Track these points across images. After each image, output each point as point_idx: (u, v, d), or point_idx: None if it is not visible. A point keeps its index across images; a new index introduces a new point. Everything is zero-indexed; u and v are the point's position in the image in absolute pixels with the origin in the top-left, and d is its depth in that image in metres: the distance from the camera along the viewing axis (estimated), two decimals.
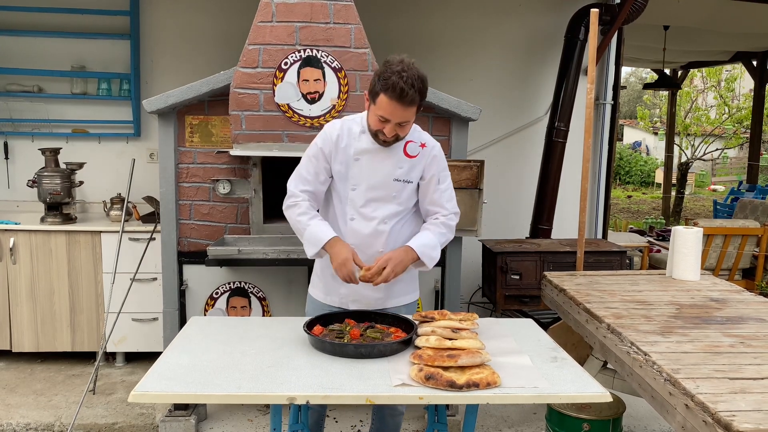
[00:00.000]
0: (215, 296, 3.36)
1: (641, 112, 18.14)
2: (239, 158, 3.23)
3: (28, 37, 4.43)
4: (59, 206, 4.05)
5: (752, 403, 1.63)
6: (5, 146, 4.52)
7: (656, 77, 9.27)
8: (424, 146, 2.37)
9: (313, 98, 3.08)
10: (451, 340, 1.86)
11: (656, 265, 5.68)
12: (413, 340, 1.96)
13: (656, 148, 21.00)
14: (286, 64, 3.05)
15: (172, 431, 3.26)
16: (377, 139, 2.26)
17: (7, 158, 4.54)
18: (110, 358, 4.19)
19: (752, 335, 2.19)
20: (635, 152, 21.30)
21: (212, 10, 4.52)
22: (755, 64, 9.15)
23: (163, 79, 4.51)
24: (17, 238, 3.94)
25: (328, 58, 3.05)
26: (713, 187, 17.73)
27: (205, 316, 3.30)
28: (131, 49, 4.44)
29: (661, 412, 1.86)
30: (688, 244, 2.94)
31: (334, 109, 3.09)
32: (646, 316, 2.41)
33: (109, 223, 4.11)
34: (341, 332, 2.03)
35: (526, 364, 1.87)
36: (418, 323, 2.05)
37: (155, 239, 3.79)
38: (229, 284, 3.36)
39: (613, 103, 4.97)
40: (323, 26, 3.04)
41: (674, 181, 12.25)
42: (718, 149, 13.93)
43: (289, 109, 3.09)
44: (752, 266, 5.43)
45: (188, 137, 3.26)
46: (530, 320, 2.34)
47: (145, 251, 3.84)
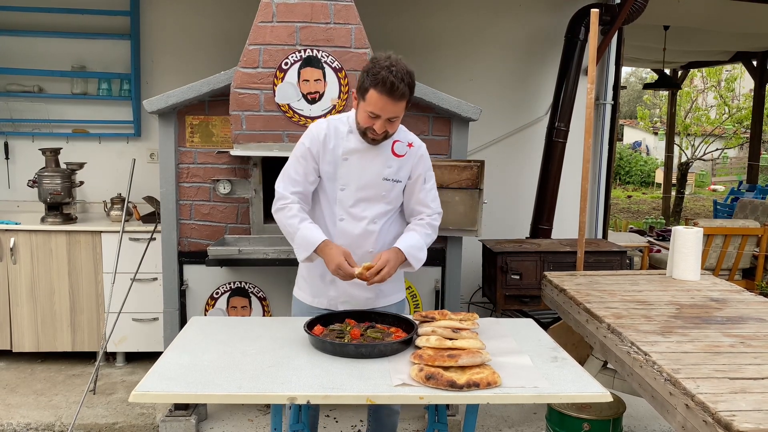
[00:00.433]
0: (216, 296, 3.36)
1: (641, 112, 18.15)
2: (240, 158, 3.23)
3: (28, 37, 4.44)
4: (59, 206, 4.05)
5: (752, 402, 1.63)
6: (6, 146, 4.53)
7: (656, 77, 9.27)
8: (411, 146, 2.37)
9: (313, 98, 3.08)
10: (451, 340, 1.86)
11: (656, 265, 5.69)
12: (414, 340, 1.96)
13: (656, 148, 21.01)
14: (286, 64, 3.05)
15: (172, 431, 3.26)
16: (366, 137, 2.25)
17: (7, 158, 4.54)
18: (110, 358, 4.20)
19: (752, 335, 2.19)
20: (635, 152, 21.30)
21: (212, 10, 4.52)
22: (755, 64, 9.15)
23: (163, 79, 4.51)
24: (17, 238, 3.94)
25: (328, 58, 3.05)
26: (713, 187, 17.73)
27: (205, 316, 3.31)
28: (131, 49, 4.44)
29: (661, 412, 1.86)
30: (688, 244, 2.94)
31: (334, 109, 3.09)
32: (646, 316, 2.41)
33: (109, 223, 4.12)
34: (342, 332, 2.03)
35: (526, 364, 1.87)
36: (418, 323, 2.05)
37: (155, 239, 3.79)
38: (229, 284, 3.36)
39: (613, 103, 4.98)
40: (323, 26, 3.04)
41: (674, 181, 12.25)
42: (718, 149, 13.93)
43: (289, 109, 3.09)
44: (752, 266, 5.44)
45: (189, 137, 3.26)
46: (530, 320, 2.34)
47: (145, 251, 3.84)
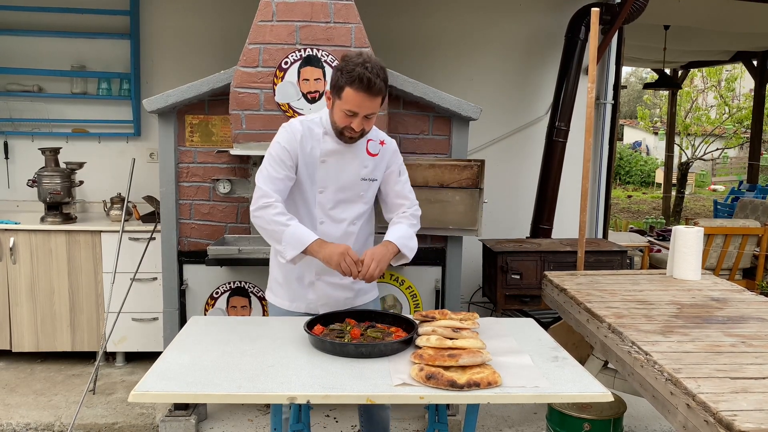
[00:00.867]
0: (215, 296, 3.35)
1: (641, 112, 18.16)
2: (239, 158, 3.23)
3: (28, 36, 4.43)
4: (59, 206, 4.04)
5: (754, 402, 1.63)
6: (5, 146, 4.52)
7: (656, 77, 9.27)
8: (383, 144, 2.38)
9: (313, 97, 3.08)
10: (451, 339, 1.85)
11: (657, 264, 5.68)
12: (414, 339, 1.95)
13: (656, 148, 21.02)
14: (286, 63, 3.05)
15: (172, 431, 3.25)
16: (343, 137, 2.23)
17: (7, 158, 4.54)
18: (110, 358, 4.19)
19: (753, 335, 2.18)
20: (635, 152, 21.30)
21: (212, 9, 4.52)
22: (755, 63, 9.14)
23: (163, 78, 4.51)
24: (17, 237, 3.94)
25: (328, 57, 3.05)
26: (713, 187, 17.73)
27: (205, 315, 3.30)
28: (131, 48, 4.44)
29: (662, 411, 1.85)
30: (688, 243, 2.94)
31: None
32: (647, 315, 2.41)
33: (109, 222, 4.11)
34: (342, 332, 2.03)
35: (527, 363, 1.86)
36: (418, 323, 2.05)
37: (155, 239, 3.78)
38: (229, 284, 3.36)
39: (613, 102, 4.97)
40: (323, 25, 3.04)
41: (674, 181, 12.25)
42: (718, 149, 13.93)
43: (289, 108, 3.08)
44: (753, 266, 5.43)
45: (188, 137, 3.26)
46: (531, 320, 2.33)
47: (145, 251, 3.83)
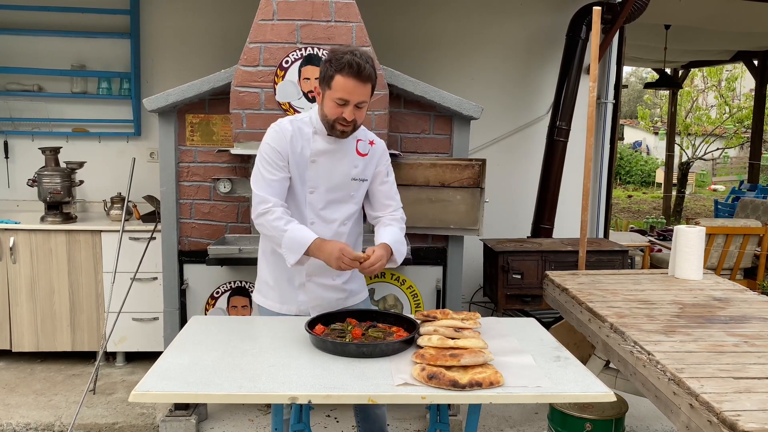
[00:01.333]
0: (216, 296, 3.35)
1: (642, 111, 18.15)
2: (240, 157, 3.22)
3: (28, 36, 4.42)
4: (59, 205, 4.04)
5: (757, 402, 1.62)
6: (5, 145, 4.51)
7: (657, 77, 9.26)
8: (372, 144, 2.38)
9: (314, 97, 3.07)
10: (453, 339, 1.85)
11: (657, 264, 5.68)
12: (415, 339, 1.95)
13: (656, 147, 21.01)
14: (287, 62, 3.04)
15: (172, 431, 3.25)
16: (335, 131, 2.22)
17: (7, 157, 4.53)
18: (110, 357, 4.18)
19: (756, 334, 2.17)
20: (636, 152, 21.30)
21: (213, 9, 4.51)
22: (756, 63, 9.14)
23: (163, 78, 4.50)
24: (17, 237, 3.93)
25: None
26: (714, 186, 17.72)
27: (205, 315, 3.29)
28: (131, 48, 4.43)
29: (665, 411, 1.85)
30: (690, 243, 2.93)
31: None
32: (649, 315, 2.40)
33: (109, 222, 4.11)
34: (343, 331, 2.02)
35: (528, 363, 1.85)
36: (420, 322, 2.04)
37: (156, 238, 3.78)
38: (229, 284, 3.35)
39: (614, 102, 4.97)
40: (324, 24, 3.03)
41: (675, 180, 12.24)
42: (718, 149, 13.92)
43: (290, 107, 3.08)
44: (754, 266, 5.43)
45: (189, 136, 3.25)
46: (532, 319, 2.33)
47: (145, 251, 3.83)
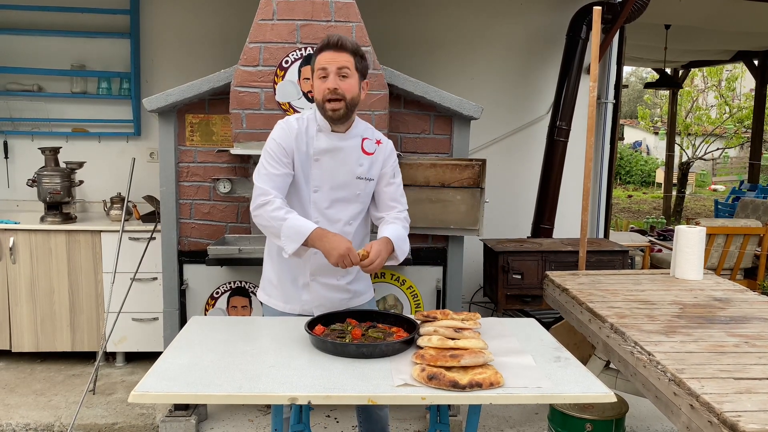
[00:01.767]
0: (216, 296, 3.34)
1: (642, 111, 18.14)
2: (240, 157, 3.22)
3: (28, 36, 4.42)
4: (59, 205, 4.03)
5: (758, 403, 1.61)
6: (5, 145, 4.51)
7: (657, 77, 9.25)
8: (379, 143, 2.37)
9: (313, 96, 3.06)
10: (453, 339, 1.84)
11: (658, 264, 5.67)
12: (415, 339, 1.94)
13: (657, 147, 21.00)
14: (287, 62, 3.03)
15: (172, 431, 3.24)
16: (326, 113, 2.22)
17: (6, 157, 4.53)
18: (110, 358, 4.18)
19: (757, 335, 2.17)
20: (636, 152, 21.29)
21: (213, 8, 4.51)
22: (756, 63, 9.13)
23: (163, 78, 4.50)
24: (17, 237, 3.93)
25: None
26: (714, 186, 17.71)
27: (205, 315, 3.29)
28: (131, 48, 4.43)
29: (665, 412, 1.84)
30: (691, 243, 2.93)
31: None
32: (649, 315, 2.40)
33: (109, 222, 4.10)
34: (343, 332, 2.02)
35: (529, 364, 1.85)
36: (420, 323, 2.04)
37: (155, 239, 3.77)
38: (229, 284, 3.35)
39: (614, 102, 4.97)
40: (324, 24, 3.03)
41: (675, 180, 12.24)
42: (718, 149, 13.91)
43: (290, 107, 3.07)
44: (754, 266, 5.43)
45: (189, 136, 3.25)
46: (533, 320, 2.32)
47: (145, 251, 3.82)
